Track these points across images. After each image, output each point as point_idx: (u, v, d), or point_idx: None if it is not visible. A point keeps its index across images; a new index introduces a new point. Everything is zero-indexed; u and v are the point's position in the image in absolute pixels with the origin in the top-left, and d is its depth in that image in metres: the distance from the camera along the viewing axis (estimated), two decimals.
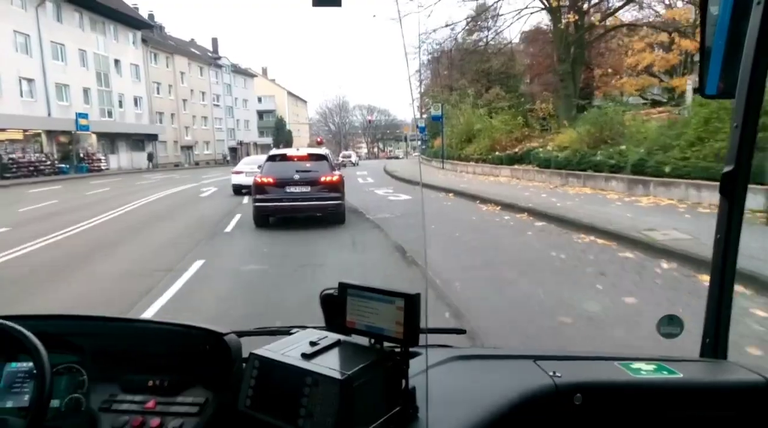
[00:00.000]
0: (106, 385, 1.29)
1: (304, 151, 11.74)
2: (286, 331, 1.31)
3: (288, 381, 1.01)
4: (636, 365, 1.33)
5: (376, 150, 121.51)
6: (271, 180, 10.60)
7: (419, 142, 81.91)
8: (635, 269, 6.46)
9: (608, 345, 4.21)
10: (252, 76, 77.90)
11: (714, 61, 1.32)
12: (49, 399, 1.10)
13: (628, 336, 4.28)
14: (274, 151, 12.36)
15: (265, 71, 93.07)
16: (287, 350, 1.07)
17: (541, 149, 18.75)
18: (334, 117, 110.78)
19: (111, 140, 44.63)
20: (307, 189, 10.61)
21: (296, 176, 10.60)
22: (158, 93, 53.06)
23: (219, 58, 67.92)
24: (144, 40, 49.86)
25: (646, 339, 3.65)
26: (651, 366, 1.33)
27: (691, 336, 1.53)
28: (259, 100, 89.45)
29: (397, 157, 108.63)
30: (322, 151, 12.70)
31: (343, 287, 1.11)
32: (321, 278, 6.52)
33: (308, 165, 10.94)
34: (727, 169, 1.31)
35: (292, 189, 10.56)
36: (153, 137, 50.53)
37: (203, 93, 62.70)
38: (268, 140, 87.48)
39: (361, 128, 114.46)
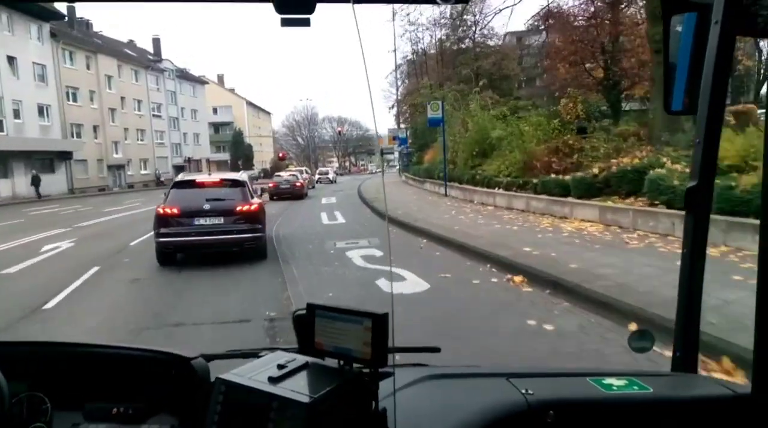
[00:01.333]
0: (69, 413, 1.25)
1: (217, 177, 10.26)
2: (255, 354, 1.28)
3: (254, 406, 0.98)
4: (607, 380, 1.33)
5: (348, 164, 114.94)
6: (175, 210, 9.05)
7: (395, 156, 73.66)
8: None
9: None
10: (202, 82, 67.95)
11: (679, 78, 1.34)
12: None
13: None
14: (181, 176, 10.47)
15: (221, 79, 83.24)
16: (254, 374, 1.04)
17: (668, 169, 9.57)
18: (302, 130, 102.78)
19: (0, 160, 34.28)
20: (219, 220, 9.15)
21: (206, 206, 9.10)
22: (75, 100, 42.83)
23: (160, 60, 57.89)
24: (53, 35, 39.70)
25: None
26: (622, 382, 1.33)
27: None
28: (215, 110, 79.56)
29: (371, 172, 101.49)
30: (240, 176, 10.31)
31: (311, 308, 1.10)
32: None
33: (222, 192, 9.44)
34: (691, 184, 1.33)
35: (201, 220, 9.07)
36: (66, 155, 40.24)
37: (139, 101, 52.59)
38: (225, 156, 77.54)
39: (332, 142, 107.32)
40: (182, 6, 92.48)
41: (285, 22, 1.13)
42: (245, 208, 9.31)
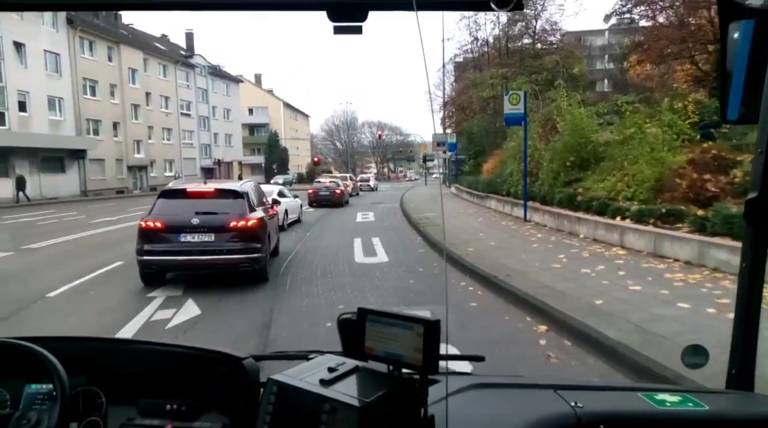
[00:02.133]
0: (124, 408, 1.28)
1: (213, 186, 8.63)
2: (303, 356, 1.29)
3: (306, 408, 0.99)
4: (660, 396, 1.30)
5: (386, 170, 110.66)
6: (159, 224, 7.87)
7: (436, 163, 68.63)
8: None
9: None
10: (237, 81, 64.08)
11: (735, 87, 1.31)
12: (68, 421, 1.17)
13: None
14: (172, 184, 9.44)
15: (258, 79, 79.59)
16: (305, 376, 1.06)
17: None
18: (341, 134, 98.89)
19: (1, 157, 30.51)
20: (209, 237, 7.87)
21: (195, 220, 7.87)
22: (93, 94, 39.10)
23: (191, 56, 54.15)
24: (70, 21, 36.02)
25: None
26: (676, 398, 1.29)
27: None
28: (250, 111, 76.04)
29: (410, 180, 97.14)
30: (240, 185, 8.86)
31: (362, 312, 1.10)
32: None
33: (215, 205, 8.19)
34: (751, 195, 1.29)
35: (188, 237, 7.82)
36: (79, 154, 36.43)
37: (166, 98, 48.82)
38: (259, 159, 73.75)
39: (371, 147, 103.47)
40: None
41: (338, 30, 1.14)
42: (240, 223, 7.99)
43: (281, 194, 17.85)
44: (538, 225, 13.85)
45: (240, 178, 62.82)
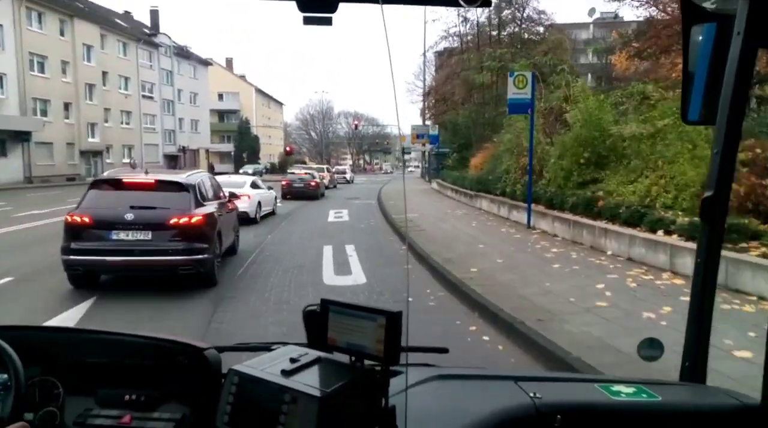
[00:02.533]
0: (82, 399, 1.26)
1: (154, 176, 7.56)
2: (266, 347, 1.27)
3: (267, 398, 0.99)
4: (616, 387, 1.33)
5: (361, 162, 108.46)
6: (87, 219, 6.93)
7: (413, 156, 66.43)
8: None
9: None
10: (205, 63, 60.49)
11: (696, 88, 1.34)
12: (22, 412, 1.14)
13: None
14: (108, 174, 8.21)
15: (229, 63, 75.93)
16: (267, 366, 1.05)
17: None
18: (317, 124, 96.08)
19: None
20: (145, 235, 6.96)
21: (129, 215, 6.92)
22: (42, 71, 35.51)
23: (155, 34, 50.50)
24: None
25: None
26: (631, 389, 1.32)
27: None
28: (220, 97, 72.46)
29: (386, 172, 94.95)
30: (187, 177, 7.84)
31: (325, 304, 1.10)
32: None
33: (155, 198, 7.26)
34: (707, 194, 1.32)
35: (121, 234, 6.92)
36: (23, 136, 32.93)
37: (125, 78, 45.23)
38: (229, 147, 70.31)
39: (346, 138, 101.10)
40: None
41: (307, 21, 1.15)
42: (183, 220, 7.03)
43: (255, 185, 16.58)
44: (546, 235, 11.51)
45: (211, 167, 59.83)
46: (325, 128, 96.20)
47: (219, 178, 19.78)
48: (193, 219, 7.15)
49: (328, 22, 1.14)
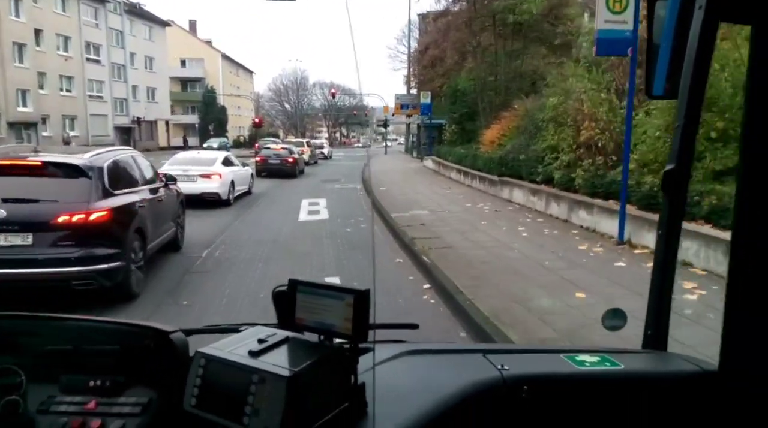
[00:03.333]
0: (45, 386, 1.23)
1: (41, 158, 5.90)
2: (235, 329, 1.25)
3: (234, 380, 0.99)
4: (581, 357, 1.37)
5: (338, 135, 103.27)
6: None
7: (389, 129, 61.83)
8: None
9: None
10: (164, 24, 54.06)
11: (661, 62, 1.35)
12: None
13: None
14: None
15: (193, 26, 69.29)
16: (234, 348, 1.05)
17: None
18: (290, 95, 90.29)
19: None
20: (24, 239, 5.36)
21: (1, 212, 5.32)
22: None
23: None
24: None
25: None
26: (595, 358, 1.37)
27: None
28: (183, 63, 66.06)
29: (365, 146, 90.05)
30: (91, 157, 6.10)
31: (293, 284, 1.11)
32: None
33: (37, 187, 5.63)
34: (669, 167, 1.34)
35: None
36: None
37: (65, 38, 39.00)
38: (193, 118, 64.25)
39: (322, 110, 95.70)
40: None
41: None
42: (77, 217, 5.41)
43: (227, 162, 14.53)
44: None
45: (185, 142, 53.92)
46: (300, 99, 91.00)
47: (186, 155, 14.97)
48: (93, 216, 5.52)
49: None
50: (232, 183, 13.86)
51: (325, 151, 39.67)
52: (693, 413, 1.31)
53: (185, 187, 9.95)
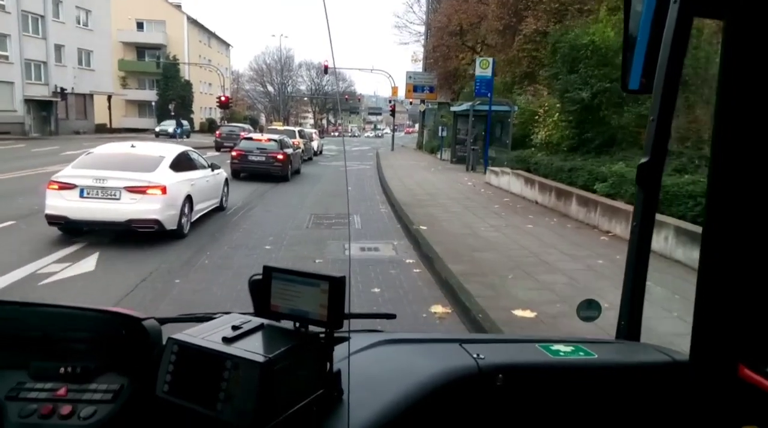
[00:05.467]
0: (14, 373, 1.22)
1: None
2: (210, 317, 1.25)
3: (207, 366, 0.98)
4: (555, 347, 1.39)
5: (324, 122, 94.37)
6: None
7: (379, 118, 49.91)
8: None
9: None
10: None
11: (637, 57, 1.36)
12: None
13: None
14: None
15: None
16: (207, 334, 1.05)
17: None
18: (274, 76, 79.36)
19: None
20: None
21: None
22: None
23: None
24: None
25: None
26: (569, 348, 1.39)
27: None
28: (140, 26, 54.05)
29: (354, 136, 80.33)
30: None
31: (268, 270, 1.10)
32: None
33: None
34: (643, 160, 1.37)
35: None
36: None
37: None
38: (149, 94, 52.37)
39: (309, 93, 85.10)
40: None
41: None
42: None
43: (181, 163, 8.66)
44: None
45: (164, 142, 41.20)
46: (284, 81, 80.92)
47: (109, 150, 8.74)
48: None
49: None
50: (188, 200, 8.29)
51: (314, 143, 28.17)
52: (665, 402, 1.34)
53: (98, 210, 7.36)
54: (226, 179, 11.01)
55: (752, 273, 1.16)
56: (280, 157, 16.39)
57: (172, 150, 8.82)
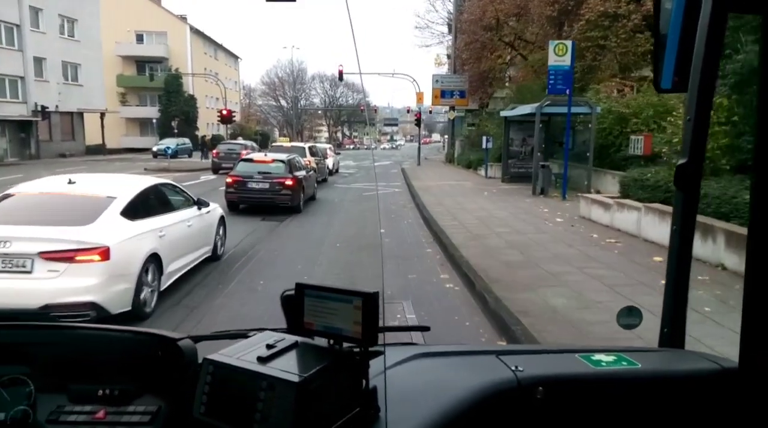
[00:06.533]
0: (54, 396, 1.23)
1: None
2: (243, 334, 1.26)
3: (243, 386, 0.98)
4: (596, 357, 1.34)
5: (339, 135, 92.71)
6: None
7: (395, 128, 45.15)
8: None
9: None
10: None
11: (669, 55, 1.33)
12: None
13: None
14: None
15: None
16: (242, 354, 1.04)
17: None
18: (286, 89, 76.46)
19: None
20: None
21: None
22: None
23: None
24: None
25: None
26: (611, 358, 1.34)
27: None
28: (139, 38, 50.30)
29: (368, 148, 76.60)
30: None
31: (300, 287, 1.08)
32: None
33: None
34: (681, 161, 1.33)
35: None
36: None
37: None
38: (150, 111, 48.58)
39: (323, 106, 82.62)
40: None
41: None
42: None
43: (149, 206, 6.23)
44: None
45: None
46: (297, 94, 77.82)
47: (20, 190, 6.11)
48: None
49: None
50: (152, 261, 5.72)
51: (330, 161, 23.39)
52: (714, 411, 1.28)
53: None
54: (222, 217, 8.19)
55: None
56: (288, 182, 12.50)
57: (131, 186, 6.19)
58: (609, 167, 14.26)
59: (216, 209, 7.90)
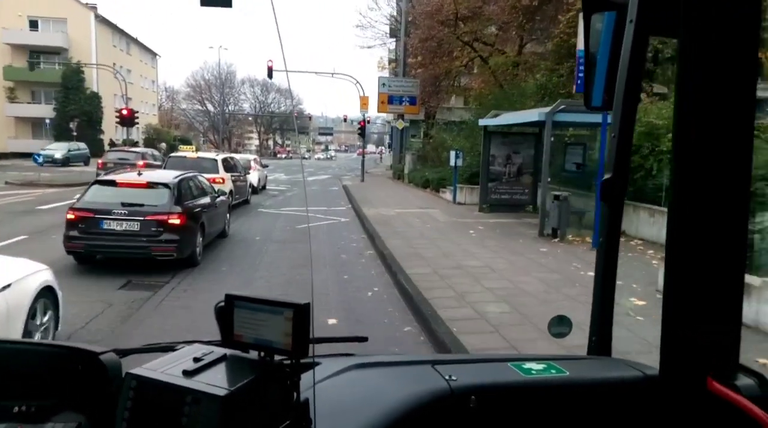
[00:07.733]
0: None
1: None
2: (171, 348, 1.21)
3: (167, 401, 0.95)
4: (527, 365, 1.36)
5: (270, 143, 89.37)
6: None
7: (329, 138, 41.27)
8: None
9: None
10: None
11: (599, 74, 1.37)
12: None
13: None
14: None
15: None
16: (168, 368, 1.02)
17: None
18: (213, 92, 71.26)
19: None
20: None
21: None
22: None
23: None
24: None
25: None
26: (541, 366, 1.36)
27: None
28: (34, 24, 43.07)
29: (304, 157, 72.23)
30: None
31: (230, 299, 1.06)
32: None
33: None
34: (606, 176, 1.37)
35: None
36: None
37: None
38: (45, 110, 41.50)
39: (252, 111, 77.39)
40: None
41: (205, 2, 1.50)
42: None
43: None
44: None
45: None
46: (225, 98, 73.80)
47: None
48: None
49: (227, 3, 1.11)
50: None
51: (254, 176, 18.33)
52: (637, 417, 1.32)
53: None
54: (47, 292, 4.68)
55: (718, 286, 1.14)
56: (174, 220, 7.71)
57: None
58: (636, 199, 10.35)
59: (40, 275, 4.55)
